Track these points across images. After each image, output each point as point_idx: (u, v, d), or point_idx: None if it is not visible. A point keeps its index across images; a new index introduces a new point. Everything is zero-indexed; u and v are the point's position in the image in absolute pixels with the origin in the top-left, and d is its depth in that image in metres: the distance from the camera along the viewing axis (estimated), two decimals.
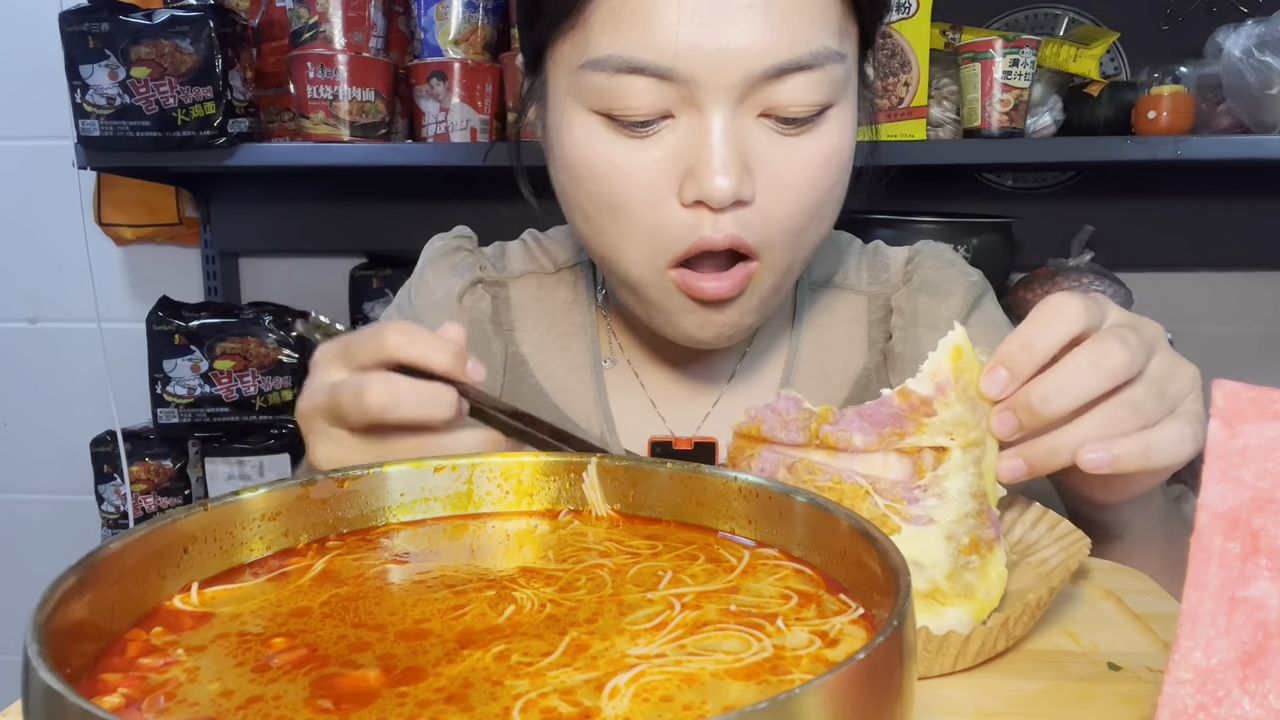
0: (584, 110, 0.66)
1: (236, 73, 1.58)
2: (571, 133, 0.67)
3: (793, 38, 0.63)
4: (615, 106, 0.64)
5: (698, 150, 0.64)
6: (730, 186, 0.63)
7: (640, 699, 0.29)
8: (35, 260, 1.97)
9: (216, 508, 0.40)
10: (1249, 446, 0.32)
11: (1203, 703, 0.31)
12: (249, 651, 0.33)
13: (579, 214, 0.71)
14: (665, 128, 0.65)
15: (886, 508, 0.50)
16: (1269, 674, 0.31)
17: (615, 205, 0.67)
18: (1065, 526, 0.55)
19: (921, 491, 0.50)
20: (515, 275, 0.88)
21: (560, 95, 0.68)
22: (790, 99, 0.64)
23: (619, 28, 0.63)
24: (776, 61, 0.63)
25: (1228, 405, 0.33)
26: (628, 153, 0.65)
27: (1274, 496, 0.32)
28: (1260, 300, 1.87)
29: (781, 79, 0.63)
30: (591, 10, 0.64)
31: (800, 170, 0.66)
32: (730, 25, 0.62)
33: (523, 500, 0.47)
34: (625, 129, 0.65)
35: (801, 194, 0.67)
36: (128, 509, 1.80)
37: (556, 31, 0.67)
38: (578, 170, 0.68)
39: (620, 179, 0.66)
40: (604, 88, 0.64)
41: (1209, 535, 0.32)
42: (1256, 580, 0.32)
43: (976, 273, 0.87)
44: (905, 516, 0.50)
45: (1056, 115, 1.61)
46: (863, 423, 0.52)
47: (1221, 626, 0.31)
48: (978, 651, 0.46)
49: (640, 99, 0.64)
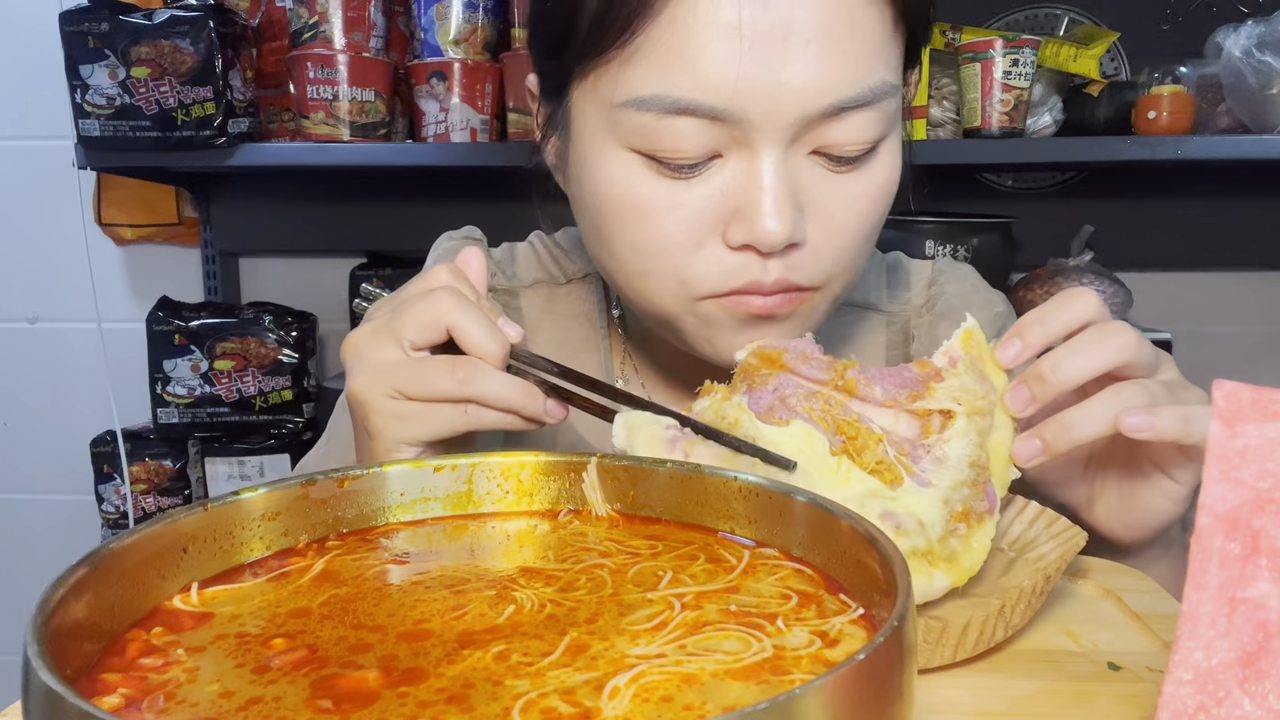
0: (621, 148, 0.62)
1: (236, 73, 1.58)
2: (607, 172, 0.63)
3: (852, 73, 0.59)
4: (660, 149, 0.60)
5: (748, 192, 0.60)
6: (783, 231, 0.59)
7: (640, 699, 0.29)
8: (35, 260, 1.97)
9: (216, 508, 0.40)
10: (1249, 447, 0.32)
11: (1203, 703, 0.31)
12: (249, 652, 0.33)
13: (605, 249, 0.67)
14: (712, 168, 0.61)
15: (895, 458, 0.52)
16: (1269, 674, 0.31)
17: (650, 246, 0.63)
18: (1062, 523, 0.56)
19: (925, 451, 0.53)
20: (526, 284, 0.85)
21: (591, 131, 0.64)
22: (846, 138, 0.61)
23: (666, 64, 0.59)
24: (835, 100, 0.59)
25: (1228, 405, 0.33)
26: (669, 193, 0.62)
27: (1274, 497, 0.32)
28: (1260, 300, 1.87)
29: (839, 117, 0.60)
30: (636, 44, 0.59)
31: (852, 207, 0.63)
32: (788, 61, 0.58)
33: (523, 500, 0.47)
34: (669, 170, 0.61)
35: (853, 230, 0.64)
36: (128, 509, 1.80)
37: (591, 63, 0.62)
38: (611, 209, 0.64)
39: (659, 220, 0.62)
40: (648, 128, 0.60)
41: (1209, 536, 0.32)
42: (1257, 581, 0.32)
43: (1000, 299, 0.86)
44: (910, 471, 0.52)
45: (1056, 115, 1.61)
46: (884, 379, 0.55)
47: (1222, 627, 0.31)
48: (976, 641, 0.46)
49: (688, 141, 0.60)
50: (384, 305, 0.61)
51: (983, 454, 0.53)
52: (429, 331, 0.57)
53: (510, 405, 0.56)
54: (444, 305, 0.56)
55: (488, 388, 0.55)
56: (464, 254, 0.63)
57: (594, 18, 0.60)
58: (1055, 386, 0.54)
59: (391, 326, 0.57)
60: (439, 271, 0.60)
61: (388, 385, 0.56)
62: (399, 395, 0.56)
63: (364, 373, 0.58)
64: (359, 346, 0.59)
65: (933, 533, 0.49)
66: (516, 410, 0.56)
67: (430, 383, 0.56)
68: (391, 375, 0.57)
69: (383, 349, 0.58)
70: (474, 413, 0.56)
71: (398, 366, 0.57)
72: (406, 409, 0.57)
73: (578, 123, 0.66)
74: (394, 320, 0.57)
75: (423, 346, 0.57)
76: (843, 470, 0.51)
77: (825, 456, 0.51)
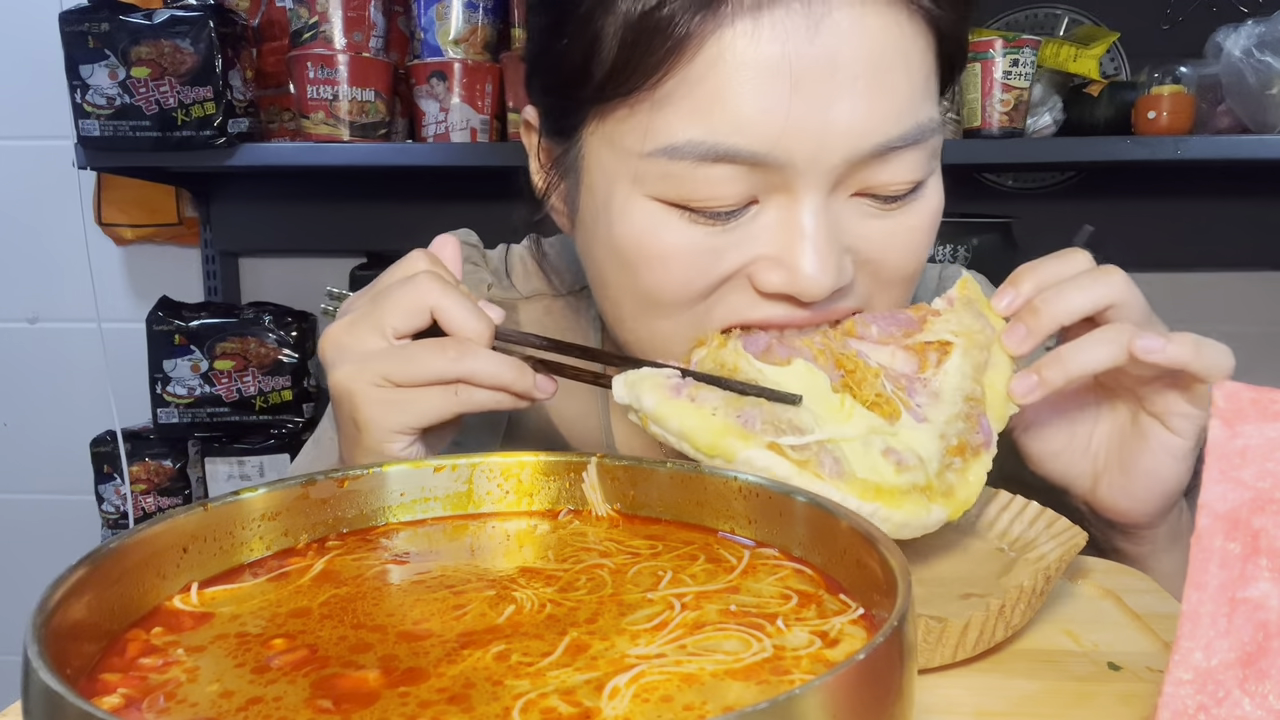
0: (646, 198, 0.57)
1: (236, 73, 1.58)
2: (628, 221, 0.58)
3: (898, 111, 0.55)
4: (694, 198, 0.55)
5: (788, 240, 0.56)
6: (827, 282, 0.55)
7: (640, 699, 0.29)
8: (35, 260, 1.97)
9: (216, 508, 0.40)
10: (1249, 447, 0.32)
11: (1203, 703, 0.31)
12: (249, 652, 0.33)
13: (615, 299, 0.63)
14: (748, 214, 0.57)
15: (893, 392, 0.53)
16: (1269, 674, 0.31)
17: (670, 295, 0.59)
18: (1062, 524, 0.56)
19: (922, 385, 0.54)
20: (524, 296, 0.81)
21: (610, 179, 0.59)
22: (892, 178, 0.57)
23: (703, 108, 0.53)
24: (883, 139, 0.55)
25: (1228, 405, 0.33)
26: (699, 241, 0.57)
27: (1274, 497, 0.32)
28: (1260, 300, 1.87)
29: (884, 158, 0.56)
30: (668, 88, 0.54)
31: (900, 247, 0.59)
32: (835, 100, 0.53)
33: (523, 500, 0.47)
34: (703, 219, 0.56)
35: (901, 270, 0.60)
36: (128, 509, 1.80)
37: (610, 105, 0.57)
38: (630, 260, 0.59)
39: (685, 270, 0.57)
40: (681, 177, 0.55)
41: (1209, 536, 0.32)
42: (1257, 581, 0.32)
43: None
44: (906, 405, 0.53)
45: (1056, 115, 1.61)
46: (880, 319, 0.57)
47: (1222, 627, 0.31)
48: (976, 640, 0.46)
49: (725, 189, 0.55)
50: (360, 298, 0.59)
51: (977, 388, 0.54)
52: (413, 316, 0.56)
53: (500, 382, 0.55)
54: (426, 288, 0.55)
55: (478, 365, 0.54)
56: (438, 241, 0.62)
57: (617, 57, 0.55)
58: (1049, 318, 0.55)
59: (373, 316, 0.56)
60: (415, 258, 0.58)
61: (375, 374, 0.55)
62: (387, 383, 0.55)
63: (348, 364, 0.56)
64: (339, 339, 0.57)
65: (931, 468, 0.50)
66: (506, 386, 0.55)
67: (420, 365, 0.55)
68: (378, 363, 0.55)
69: (365, 339, 0.56)
70: (464, 393, 0.55)
71: (383, 354, 0.55)
72: (396, 396, 0.55)
73: (593, 170, 0.60)
74: (375, 309, 0.56)
75: (406, 333, 0.56)
76: (846, 406, 0.52)
77: (828, 393, 0.52)
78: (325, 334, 0.59)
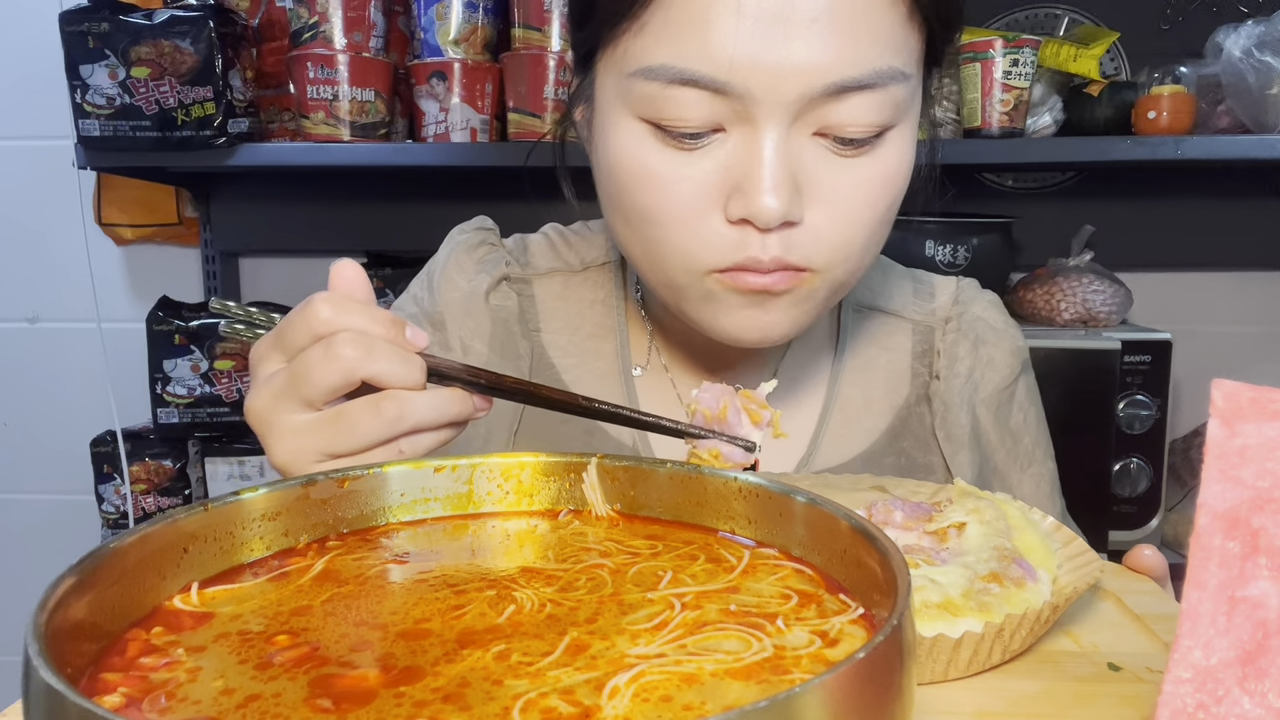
0: (631, 117, 0.65)
1: (236, 73, 1.58)
2: (618, 138, 0.66)
3: (856, 55, 0.60)
4: (665, 117, 0.63)
5: (747, 167, 0.62)
6: (779, 207, 0.61)
7: (640, 699, 0.29)
8: (35, 260, 1.97)
9: (216, 508, 0.40)
10: (1249, 446, 0.32)
11: (1202, 702, 0.31)
12: (249, 651, 0.33)
13: (619, 217, 0.70)
14: (715, 141, 0.63)
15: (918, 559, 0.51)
16: (1269, 673, 0.31)
17: (657, 215, 0.65)
18: (1078, 545, 0.54)
19: (948, 553, 0.52)
20: (541, 272, 0.86)
21: (608, 99, 0.67)
22: (848, 119, 0.62)
23: (675, 36, 0.61)
24: (837, 79, 0.60)
25: (1227, 405, 0.33)
26: (674, 164, 0.64)
27: (1274, 496, 0.32)
28: (1260, 300, 1.87)
29: (841, 98, 0.61)
30: (648, 15, 0.62)
31: (854, 194, 0.64)
32: (791, 39, 0.59)
33: (523, 500, 0.47)
34: (673, 140, 0.63)
35: (854, 217, 0.65)
36: (128, 509, 1.80)
37: (609, 34, 0.65)
38: (621, 177, 0.66)
39: (664, 190, 0.64)
40: (655, 97, 0.62)
41: (1209, 535, 0.32)
42: (1256, 579, 0.32)
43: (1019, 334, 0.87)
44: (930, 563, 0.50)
45: (1056, 115, 1.61)
46: (904, 506, 0.56)
47: (1221, 626, 0.31)
48: (970, 661, 0.45)
49: (691, 111, 0.62)
50: (269, 355, 0.56)
51: (1004, 542, 0.51)
52: (340, 390, 0.53)
53: (445, 419, 0.54)
54: (348, 358, 0.51)
55: (419, 416, 0.53)
56: (336, 267, 0.58)
57: None
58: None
59: (298, 390, 0.53)
60: (318, 307, 0.53)
61: (314, 451, 0.53)
62: (327, 457, 0.53)
63: (282, 442, 0.54)
64: (265, 416, 0.54)
65: (952, 591, 0.47)
66: (451, 420, 0.54)
67: (360, 435, 0.52)
68: (313, 439, 0.53)
69: (292, 415, 0.54)
70: (409, 446, 0.54)
71: (317, 427, 0.53)
72: (341, 464, 0.52)
73: (599, 92, 0.69)
74: (298, 384, 0.53)
75: (335, 399, 0.54)
76: None
77: None
78: (249, 407, 0.56)
